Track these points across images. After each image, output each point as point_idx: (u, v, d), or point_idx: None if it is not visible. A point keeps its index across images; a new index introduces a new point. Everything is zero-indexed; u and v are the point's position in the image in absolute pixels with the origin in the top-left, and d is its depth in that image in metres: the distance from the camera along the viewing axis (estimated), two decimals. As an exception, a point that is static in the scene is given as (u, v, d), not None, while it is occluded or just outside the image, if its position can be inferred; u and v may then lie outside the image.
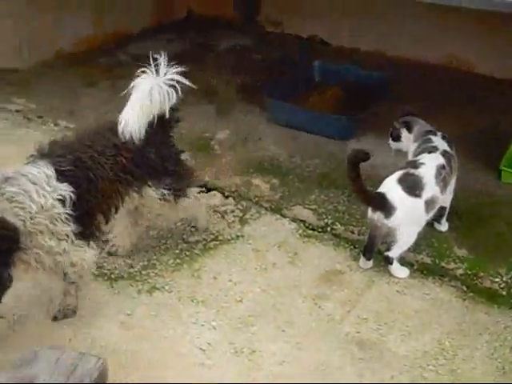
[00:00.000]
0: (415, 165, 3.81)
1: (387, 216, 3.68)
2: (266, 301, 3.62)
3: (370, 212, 3.76)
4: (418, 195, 3.70)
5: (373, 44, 6.59)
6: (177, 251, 3.98)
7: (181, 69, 3.57)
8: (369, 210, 3.78)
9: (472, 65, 6.19)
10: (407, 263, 3.86)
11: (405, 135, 4.17)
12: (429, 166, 3.78)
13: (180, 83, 3.56)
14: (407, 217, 3.69)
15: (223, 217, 4.29)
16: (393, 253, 3.76)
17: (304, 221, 4.25)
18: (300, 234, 4.15)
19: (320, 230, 4.18)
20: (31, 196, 3.05)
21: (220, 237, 4.11)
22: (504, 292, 3.68)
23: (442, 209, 4.00)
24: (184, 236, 4.09)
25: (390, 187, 3.73)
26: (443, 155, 3.87)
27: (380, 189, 3.77)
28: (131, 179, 3.52)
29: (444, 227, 4.10)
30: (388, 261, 3.78)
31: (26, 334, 3.34)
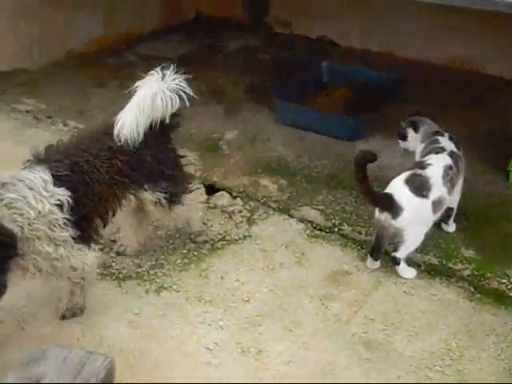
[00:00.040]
0: (422, 165, 3.81)
1: (394, 217, 3.68)
2: (273, 301, 3.63)
3: (378, 213, 3.76)
4: (425, 196, 3.70)
5: (381, 45, 6.59)
6: (184, 251, 3.99)
7: (185, 74, 3.57)
8: (376, 211, 3.78)
9: (481, 65, 6.18)
10: (414, 264, 3.86)
11: (411, 135, 4.18)
12: (436, 167, 3.78)
13: (184, 89, 3.54)
14: (414, 217, 3.69)
15: (231, 217, 4.30)
16: (400, 253, 3.77)
17: (311, 221, 4.25)
18: (307, 235, 4.16)
19: (327, 231, 4.18)
20: (29, 202, 3.02)
21: (227, 237, 4.12)
22: (511, 293, 3.68)
23: (450, 209, 4.00)
24: (192, 236, 4.09)
25: (398, 188, 3.73)
26: (450, 156, 3.87)
27: (387, 189, 3.77)
28: (128, 182, 3.50)
29: (451, 228, 4.10)
30: (395, 261, 3.78)
31: (35, 333, 3.36)
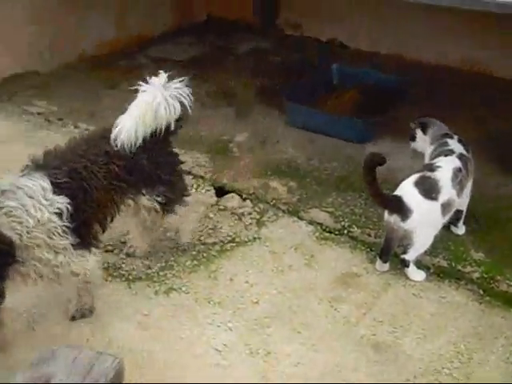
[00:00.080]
0: (432, 168, 3.81)
1: (404, 219, 3.68)
2: (282, 303, 3.64)
3: (387, 215, 3.76)
4: (435, 198, 3.70)
5: (391, 47, 6.57)
6: (194, 252, 4.00)
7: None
8: (385, 213, 3.78)
9: (491, 68, 6.14)
10: (423, 266, 3.86)
11: (419, 136, 4.18)
12: (445, 169, 3.78)
13: (186, 96, 3.54)
14: (424, 220, 3.69)
15: (240, 219, 4.31)
16: (409, 256, 3.76)
17: (321, 223, 4.25)
18: (317, 237, 4.16)
19: (337, 233, 4.18)
20: (28, 210, 3.02)
21: (237, 239, 4.13)
22: (521, 296, 3.67)
23: (459, 212, 4.00)
24: (201, 237, 4.11)
25: (407, 190, 3.73)
26: (460, 158, 3.87)
27: (396, 192, 3.77)
28: (125, 187, 3.48)
29: (461, 230, 4.09)
30: (404, 264, 3.78)
31: (45, 334, 3.39)
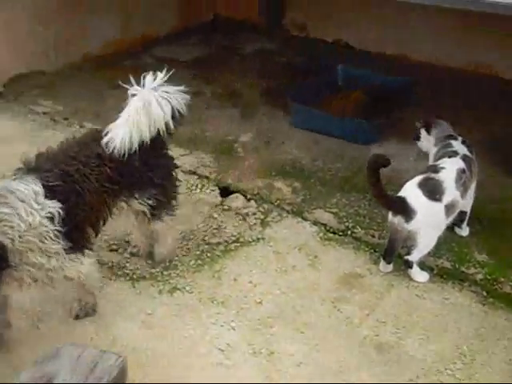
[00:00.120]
0: (436, 169, 3.82)
1: (407, 220, 3.69)
2: (286, 303, 3.65)
3: (391, 216, 3.77)
4: (439, 199, 3.71)
5: (396, 48, 6.59)
6: (198, 252, 4.01)
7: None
8: (389, 214, 3.79)
9: (496, 69, 6.15)
10: (427, 267, 3.86)
11: (424, 135, 4.20)
12: (449, 171, 3.79)
13: (177, 97, 3.53)
14: (427, 221, 3.70)
15: (245, 219, 4.32)
16: (413, 257, 3.77)
17: (325, 224, 4.26)
18: (320, 237, 4.17)
19: (340, 234, 4.19)
20: (20, 214, 3.00)
21: (241, 239, 4.14)
22: (524, 298, 3.67)
23: (463, 213, 4.00)
24: (205, 237, 4.13)
25: (411, 191, 3.74)
26: (463, 160, 3.88)
27: (400, 193, 3.78)
28: (118, 189, 3.44)
29: (465, 232, 4.10)
30: (408, 265, 3.79)
31: (50, 332, 3.41)
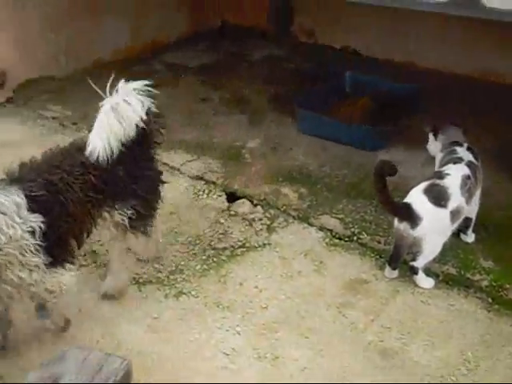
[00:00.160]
0: (441, 175, 3.83)
1: (413, 226, 3.70)
2: (291, 308, 3.66)
3: (396, 222, 3.78)
4: (444, 205, 3.71)
5: (404, 55, 6.60)
6: (204, 257, 4.03)
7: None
8: (395, 221, 3.79)
9: (503, 76, 6.14)
10: (432, 273, 3.86)
11: (431, 140, 4.23)
12: (454, 177, 3.79)
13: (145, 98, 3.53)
14: (433, 227, 3.70)
15: (251, 224, 4.34)
16: (418, 263, 3.78)
17: (331, 230, 4.27)
18: (326, 243, 4.17)
19: (346, 239, 4.20)
20: (0, 227, 2.93)
21: (247, 244, 4.15)
22: (529, 305, 3.67)
23: (468, 220, 4.01)
24: (212, 242, 4.15)
25: (416, 198, 3.75)
26: (468, 166, 3.88)
27: (406, 199, 3.78)
28: (102, 198, 3.36)
29: (470, 238, 4.10)
30: (413, 271, 3.79)
31: (56, 335, 3.42)
